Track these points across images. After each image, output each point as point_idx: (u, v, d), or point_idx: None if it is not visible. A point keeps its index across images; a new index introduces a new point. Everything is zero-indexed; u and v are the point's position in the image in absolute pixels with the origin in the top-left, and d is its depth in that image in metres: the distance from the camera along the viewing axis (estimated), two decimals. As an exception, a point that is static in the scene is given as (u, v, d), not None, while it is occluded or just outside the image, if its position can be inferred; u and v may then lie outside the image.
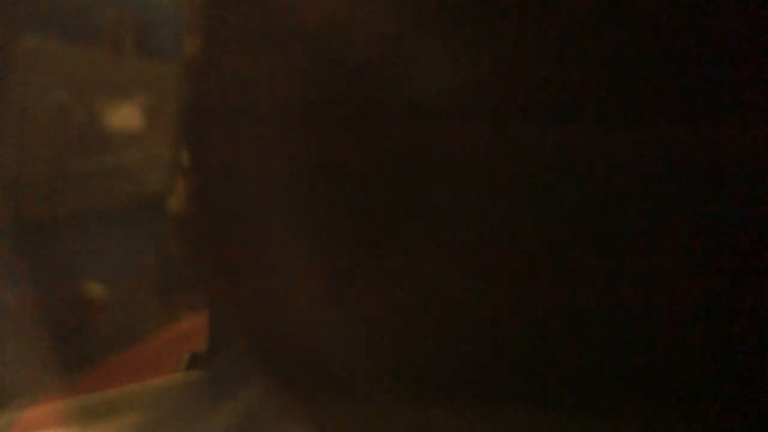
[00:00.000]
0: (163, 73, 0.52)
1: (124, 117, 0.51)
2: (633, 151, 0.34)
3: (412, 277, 0.37)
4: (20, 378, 0.44)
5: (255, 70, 0.38)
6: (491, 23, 0.35)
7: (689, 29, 0.33)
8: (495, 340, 0.36)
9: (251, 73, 0.38)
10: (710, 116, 0.34)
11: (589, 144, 0.35)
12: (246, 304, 0.41)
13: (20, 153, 0.48)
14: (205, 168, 0.40)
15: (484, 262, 0.36)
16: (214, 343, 0.45)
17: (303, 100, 0.37)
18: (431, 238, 0.36)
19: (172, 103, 0.49)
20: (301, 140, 0.38)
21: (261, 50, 0.38)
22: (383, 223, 0.37)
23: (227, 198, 0.40)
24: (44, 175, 0.49)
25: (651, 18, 0.34)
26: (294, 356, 0.39)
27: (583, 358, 0.35)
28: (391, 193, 0.37)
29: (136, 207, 0.51)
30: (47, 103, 0.49)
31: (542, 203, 0.35)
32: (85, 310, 0.48)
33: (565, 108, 0.35)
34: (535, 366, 0.36)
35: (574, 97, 0.35)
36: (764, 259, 0.34)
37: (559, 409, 0.36)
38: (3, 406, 0.44)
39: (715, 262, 0.34)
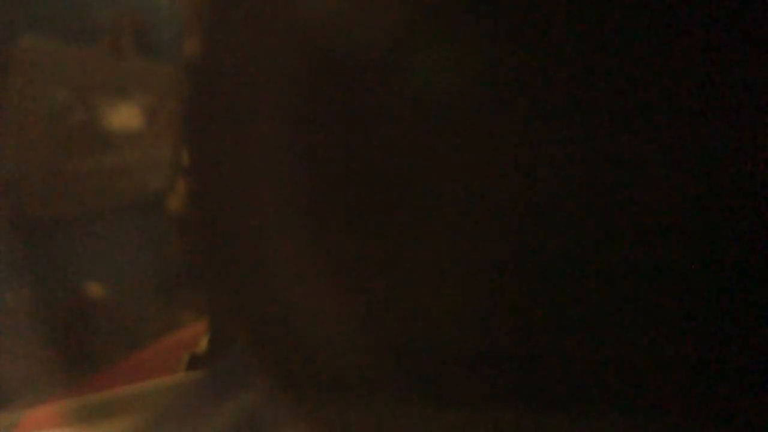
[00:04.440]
0: (163, 73, 0.51)
1: (124, 117, 0.51)
2: (630, 148, 0.34)
3: (413, 278, 0.37)
4: (21, 378, 0.44)
5: (255, 70, 0.38)
6: (486, 22, 0.35)
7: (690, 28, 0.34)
8: (496, 340, 0.36)
9: (251, 73, 0.38)
10: (711, 114, 0.34)
11: (587, 140, 0.35)
12: (246, 305, 0.40)
13: (20, 153, 0.48)
14: (205, 168, 0.40)
15: (484, 262, 0.36)
16: (214, 343, 0.45)
17: (303, 100, 0.37)
18: (431, 240, 0.36)
19: (172, 103, 0.49)
20: (302, 139, 0.38)
21: (261, 50, 0.38)
22: (384, 223, 0.37)
23: (227, 198, 0.40)
24: (44, 175, 0.49)
25: (651, 18, 0.34)
26: (294, 356, 0.39)
27: (583, 358, 0.35)
28: (392, 193, 0.37)
29: (136, 207, 0.51)
30: (47, 103, 0.49)
31: (541, 200, 0.35)
32: (85, 310, 0.48)
33: (562, 107, 0.35)
34: (535, 366, 0.36)
35: (571, 96, 0.35)
36: (764, 258, 0.34)
37: (559, 409, 0.36)
38: (4, 407, 0.44)
39: (715, 261, 0.34)
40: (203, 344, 0.46)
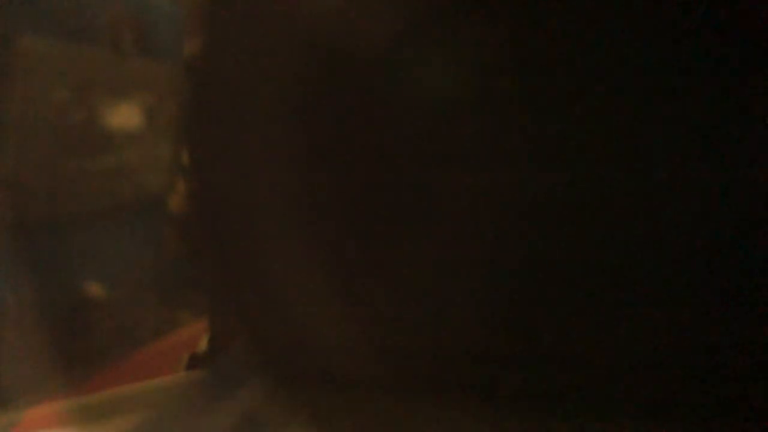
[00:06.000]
0: (163, 73, 0.52)
1: (124, 117, 0.51)
2: (630, 152, 0.34)
3: (413, 279, 0.37)
4: (21, 378, 0.44)
5: (255, 70, 0.38)
6: (485, 27, 0.35)
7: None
8: (496, 340, 0.36)
9: (251, 73, 0.38)
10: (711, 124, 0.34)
11: (588, 141, 0.35)
12: (246, 304, 0.41)
13: (20, 153, 0.48)
14: (205, 168, 0.40)
15: (485, 263, 0.36)
16: (214, 343, 0.45)
17: (303, 100, 0.37)
18: (432, 241, 0.36)
19: (172, 103, 0.49)
20: (302, 139, 0.38)
21: (261, 50, 0.38)
22: (384, 223, 0.37)
23: (227, 198, 0.40)
24: (44, 175, 0.49)
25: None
26: (294, 356, 0.39)
27: (583, 359, 0.36)
28: (392, 193, 0.37)
29: (136, 207, 0.51)
30: (47, 103, 0.49)
31: (544, 203, 0.35)
32: (85, 311, 0.48)
33: (563, 107, 0.35)
34: (535, 366, 0.36)
35: (572, 96, 0.35)
36: (763, 259, 0.34)
37: (559, 409, 0.36)
38: (4, 407, 0.44)
39: (715, 263, 0.34)
40: (203, 344, 0.46)
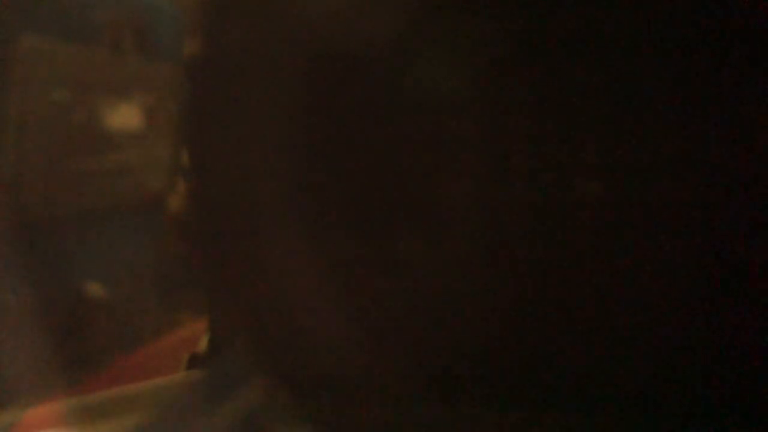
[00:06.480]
0: (163, 73, 0.52)
1: (124, 117, 0.51)
2: (636, 149, 0.34)
3: (414, 279, 0.37)
4: (21, 378, 0.44)
5: (255, 70, 0.38)
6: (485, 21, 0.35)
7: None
8: (496, 341, 0.36)
9: (251, 73, 0.38)
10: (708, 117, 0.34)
11: (590, 139, 0.35)
12: (246, 304, 0.41)
13: (20, 153, 0.48)
14: (205, 168, 0.40)
15: (485, 263, 0.36)
16: (214, 343, 0.45)
17: (302, 99, 0.37)
18: (433, 240, 0.36)
19: (172, 103, 0.49)
20: (301, 139, 0.38)
21: (261, 50, 0.38)
22: (384, 224, 0.37)
23: (227, 198, 0.40)
24: (44, 175, 0.49)
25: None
26: (294, 356, 0.39)
27: (582, 360, 0.36)
28: (392, 194, 0.37)
29: (136, 207, 0.51)
30: (47, 103, 0.49)
31: (543, 201, 0.35)
32: (85, 311, 0.48)
33: (564, 106, 0.35)
34: (535, 367, 0.36)
35: (573, 96, 0.35)
36: (762, 261, 0.34)
37: (558, 410, 0.36)
38: (4, 407, 0.44)
39: (714, 263, 0.34)
40: (203, 344, 0.46)
